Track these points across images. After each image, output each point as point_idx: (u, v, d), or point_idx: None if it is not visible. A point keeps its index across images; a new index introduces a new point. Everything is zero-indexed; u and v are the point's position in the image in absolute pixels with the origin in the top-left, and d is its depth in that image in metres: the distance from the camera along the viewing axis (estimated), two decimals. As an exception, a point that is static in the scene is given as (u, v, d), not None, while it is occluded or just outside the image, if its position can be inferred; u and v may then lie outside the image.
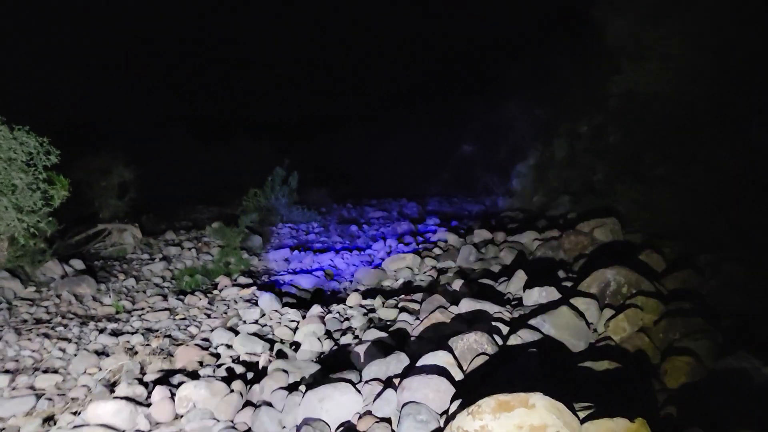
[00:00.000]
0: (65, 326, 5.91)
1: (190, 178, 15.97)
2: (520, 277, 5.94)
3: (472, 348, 3.98)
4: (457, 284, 6.38)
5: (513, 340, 4.17)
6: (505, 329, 4.54)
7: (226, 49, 23.50)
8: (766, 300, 4.55)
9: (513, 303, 5.56)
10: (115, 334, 5.79)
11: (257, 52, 24.27)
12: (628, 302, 4.69)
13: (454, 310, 5.24)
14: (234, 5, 23.29)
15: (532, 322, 4.46)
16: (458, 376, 3.70)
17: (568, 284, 5.58)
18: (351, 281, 7.97)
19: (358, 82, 24.95)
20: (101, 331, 5.84)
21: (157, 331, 5.93)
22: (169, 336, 5.74)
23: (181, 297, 7.00)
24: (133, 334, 5.77)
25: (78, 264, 7.88)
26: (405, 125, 20.97)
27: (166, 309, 6.58)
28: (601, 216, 8.43)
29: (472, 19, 22.53)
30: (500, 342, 4.26)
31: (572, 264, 6.63)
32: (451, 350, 3.95)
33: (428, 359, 3.81)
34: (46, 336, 5.57)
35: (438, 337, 4.71)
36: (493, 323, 4.63)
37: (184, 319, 6.28)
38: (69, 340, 5.53)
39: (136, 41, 19.77)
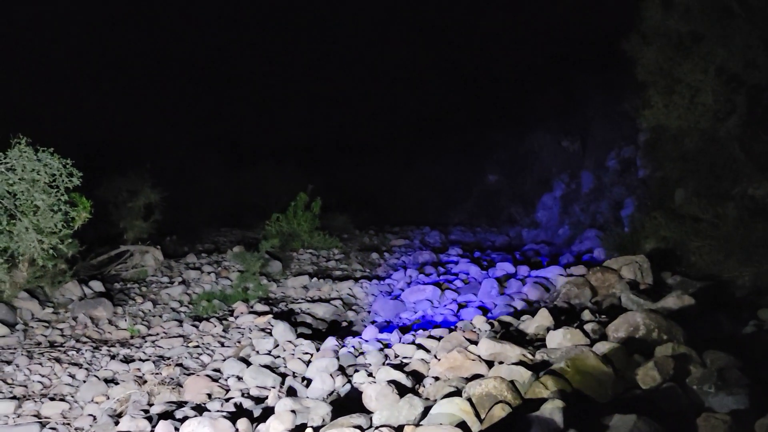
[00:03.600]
0: (78, 350, 5.84)
1: (216, 201, 16.11)
2: (544, 316, 5.71)
3: (491, 395, 3.77)
4: (477, 321, 6.17)
5: (535, 388, 3.95)
6: (526, 374, 4.32)
7: (255, 74, 23.86)
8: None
9: (536, 344, 5.33)
10: (127, 360, 5.70)
11: (285, 78, 24.60)
12: (658, 349, 4.43)
13: (474, 350, 5.03)
14: (264, 34, 23.70)
15: (555, 367, 4.23)
16: (475, 426, 3.50)
17: (595, 326, 5.33)
18: (369, 312, 7.81)
19: (384, 109, 25.03)
20: (113, 356, 5.76)
21: (169, 358, 5.83)
22: (181, 365, 5.63)
23: (197, 323, 6.90)
24: (144, 361, 5.68)
25: (97, 286, 7.87)
26: (430, 153, 20.90)
27: (180, 335, 6.48)
28: (629, 252, 8.19)
29: (499, 48, 22.51)
30: (521, 389, 4.05)
31: (599, 304, 6.38)
32: (468, 396, 3.75)
33: (443, 406, 3.61)
34: (58, 360, 5.51)
35: (456, 379, 4.51)
36: (514, 366, 4.41)
37: (198, 346, 6.17)
38: (80, 366, 5.45)
39: (169, 64, 20.17)
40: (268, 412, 4.32)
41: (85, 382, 5.11)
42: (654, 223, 7.87)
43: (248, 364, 5.51)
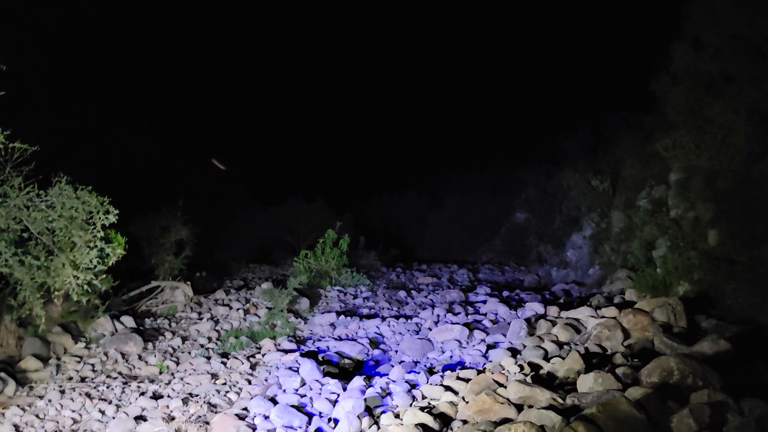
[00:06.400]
0: (108, 386, 5.92)
1: (245, 237, 16.34)
2: (574, 358, 5.60)
3: (520, 440, 3.70)
4: (506, 362, 6.08)
5: (565, 433, 3.86)
6: (557, 419, 4.23)
7: (286, 111, 24.46)
8: None
9: (566, 387, 5.22)
10: (156, 396, 5.75)
11: (316, 115, 25.15)
12: (693, 396, 4.30)
13: (503, 392, 4.95)
14: (295, 70, 24.37)
15: (586, 412, 4.13)
16: (503, 472, 3.42)
17: (627, 370, 5.21)
18: (396, 351, 7.75)
19: (413, 146, 25.32)
20: (142, 393, 5.82)
21: (197, 395, 5.86)
22: (208, 402, 5.65)
23: (224, 360, 6.94)
24: (172, 397, 5.72)
25: (129, 321, 8.00)
26: (458, 190, 20.93)
27: (208, 372, 6.52)
28: (661, 294, 8.00)
29: (529, 87, 22.70)
30: (551, 434, 3.96)
31: (631, 347, 6.23)
32: (496, 441, 3.68)
33: (471, 450, 3.56)
34: (88, 396, 5.59)
35: (484, 423, 4.44)
36: (544, 411, 4.32)
37: (225, 384, 6.20)
38: (110, 402, 5.52)
39: (201, 101, 20.85)
40: (294, 453, 4.30)
41: (114, 418, 5.16)
42: (687, 265, 7.71)
43: (275, 403, 5.51)
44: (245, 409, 5.51)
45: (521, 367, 5.89)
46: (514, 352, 6.81)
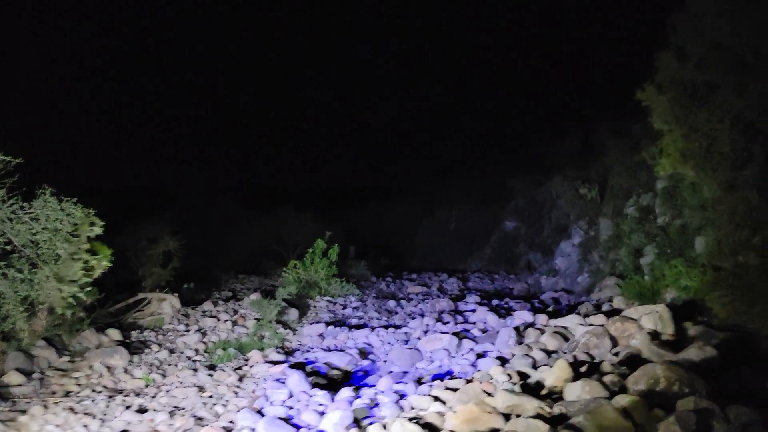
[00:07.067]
0: (93, 400, 5.84)
1: (234, 247, 16.24)
2: (562, 367, 5.58)
3: (506, 450, 3.68)
4: (495, 372, 6.05)
5: (552, 443, 3.84)
6: (544, 428, 4.21)
7: (275, 121, 24.47)
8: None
9: (554, 396, 5.21)
10: (141, 410, 5.67)
11: (306, 123, 25.18)
12: (680, 403, 4.30)
13: (491, 402, 4.93)
14: (284, 80, 24.40)
15: (573, 421, 4.13)
16: (489, 483, 3.40)
17: (615, 378, 5.20)
18: (385, 361, 7.71)
19: (403, 156, 25.39)
20: (128, 406, 5.74)
21: (183, 409, 5.79)
22: (195, 415, 5.58)
23: (211, 372, 6.87)
24: (158, 411, 5.65)
25: (114, 334, 7.92)
26: (449, 200, 20.97)
27: (194, 385, 6.45)
28: (649, 301, 8.03)
29: (519, 97, 22.87)
30: (538, 443, 3.94)
31: (619, 354, 6.23)
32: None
33: (457, 461, 3.53)
34: (72, 410, 5.51)
35: (471, 433, 4.41)
36: (531, 420, 4.31)
37: (211, 396, 6.13)
38: (94, 416, 5.44)
39: (190, 110, 20.81)
40: (280, 466, 4.25)
41: (98, 432, 5.08)
42: (674, 272, 7.74)
43: (262, 415, 5.46)
44: (232, 421, 5.44)
45: (509, 376, 5.88)
46: (502, 361, 6.79)
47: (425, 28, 24.56)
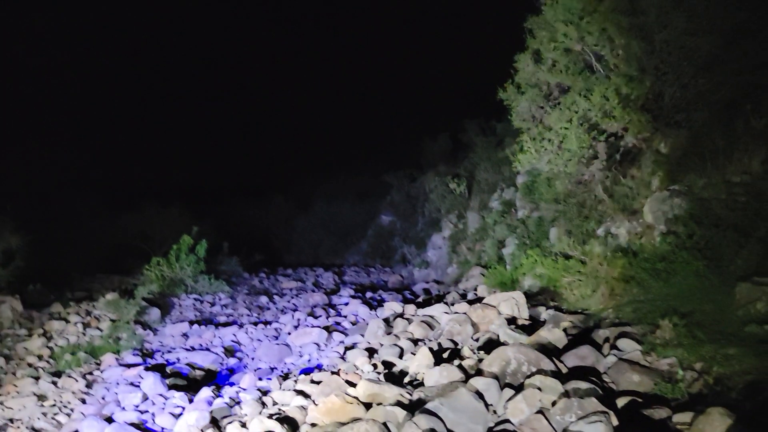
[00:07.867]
0: None
1: (93, 245, 14.99)
2: (424, 354, 5.72)
3: (362, 438, 3.67)
4: (361, 362, 6.08)
5: (408, 428, 3.90)
6: (401, 414, 4.27)
7: (139, 110, 23.02)
8: (660, 375, 4.55)
9: (415, 383, 5.31)
10: (-35, 426, 5.04)
11: (172, 115, 23.93)
12: (527, 382, 4.55)
13: (353, 392, 4.92)
14: (154, 70, 23.03)
15: (429, 405, 4.22)
16: (342, 472, 3.37)
17: (472, 362, 5.41)
18: (253, 358, 7.48)
19: (279, 152, 24.97)
20: (-52, 422, 5.07)
21: (18, 420, 5.22)
22: (32, 427, 5.05)
23: (56, 379, 6.27)
24: (-13, 425, 5.04)
25: (-62, 342, 6.98)
26: (326, 195, 20.89)
27: (34, 394, 5.84)
28: (510, 289, 8.48)
29: (394, 95, 23.34)
30: (396, 429, 3.98)
31: (479, 340, 6.50)
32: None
33: (311, 453, 3.46)
34: None
35: (332, 425, 4.37)
36: (390, 408, 4.35)
37: (54, 405, 5.59)
38: None
39: (45, 96, 18.97)
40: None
41: None
42: (530, 261, 8.24)
43: (111, 422, 5.06)
44: (76, 431, 4.99)
45: (375, 366, 5.92)
46: (371, 352, 6.84)
47: (301, 22, 24.34)
